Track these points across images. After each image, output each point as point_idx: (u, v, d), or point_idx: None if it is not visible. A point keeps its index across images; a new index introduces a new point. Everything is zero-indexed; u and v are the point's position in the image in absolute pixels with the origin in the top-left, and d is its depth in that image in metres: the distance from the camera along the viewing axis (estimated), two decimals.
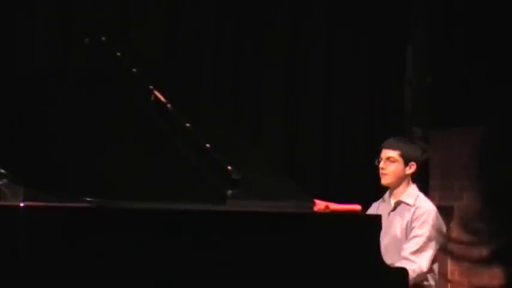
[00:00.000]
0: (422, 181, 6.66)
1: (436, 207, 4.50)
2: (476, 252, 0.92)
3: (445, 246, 0.96)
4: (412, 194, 4.49)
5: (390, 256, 3.91)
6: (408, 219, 4.40)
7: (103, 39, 3.70)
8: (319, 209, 3.50)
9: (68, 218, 2.88)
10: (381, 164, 4.50)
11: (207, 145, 3.34)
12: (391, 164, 4.49)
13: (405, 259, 4.23)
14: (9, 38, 5.47)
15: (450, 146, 6.61)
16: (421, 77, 7.01)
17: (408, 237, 4.37)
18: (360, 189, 4.65)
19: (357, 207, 4.11)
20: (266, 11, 6.46)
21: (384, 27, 6.91)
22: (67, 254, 2.84)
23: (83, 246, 2.87)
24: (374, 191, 4.68)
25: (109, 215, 2.96)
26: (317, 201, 3.56)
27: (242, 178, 3.25)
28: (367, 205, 4.55)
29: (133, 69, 3.58)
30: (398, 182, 4.51)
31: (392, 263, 3.93)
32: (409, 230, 4.38)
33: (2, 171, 3.02)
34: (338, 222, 3.54)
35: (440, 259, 4.43)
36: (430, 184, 6.79)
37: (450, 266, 6.41)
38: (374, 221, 3.65)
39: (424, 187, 6.60)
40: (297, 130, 6.54)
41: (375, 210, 4.51)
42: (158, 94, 3.50)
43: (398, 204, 4.48)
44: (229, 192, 3.23)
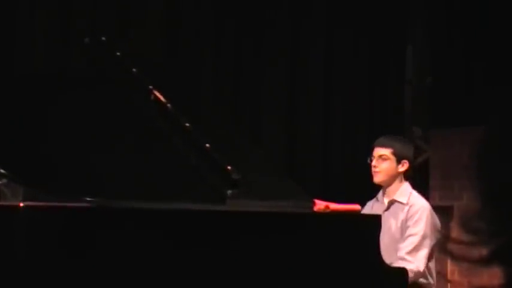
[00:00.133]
0: (422, 181, 6.68)
1: (436, 207, 4.50)
2: (476, 252, 0.92)
3: (441, 242, 0.97)
4: (405, 192, 4.47)
5: (388, 256, 3.90)
6: (403, 218, 4.38)
7: (103, 39, 3.70)
8: (319, 209, 3.50)
9: (68, 218, 2.88)
10: (373, 162, 4.48)
11: (207, 145, 3.34)
12: (383, 162, 4.47)
13: (402, 259, 4.22)
14: (9, 38, 5.47)
15: (450, 146, 6.61)
16: (421, 77, 7.01)
17: (403, 236, 4.37)
18: (360, 189, 4.64)
19: (357, 207, 4.11)
20: (266, 11, 6.46)
21: (384, 27, 6.91)
22: (67, 254, 2.84)
23: (83, 246, 2.87)
24: (374, 191, 4.67)
25: (109, 215, 2.96)
26: (317, 201, 3.55)
27: (242, 178, 3.25)
28: (365, 205, 4.55)
29: (133, 69, 3.58)
30: (390, 180, 4.49)
31: (391, 263, 3.93)
32: (404, 229, 4.37)
33: (2, 171, 3.02)
34: (338, 222, 3.54)
35: (440, 259, 4.43)
36: (430, 184, 6.79)
37: (450, 266, 6.41)
38: (374, 221, 3.65)
39: (424, 187, 6.61)
40: (297, 130, 6.54)
41: (369, 209, 4.50)
42: (158, 94, 3.50)
43: (391, 203, 4.47)
44: (229, 192, 3.22)
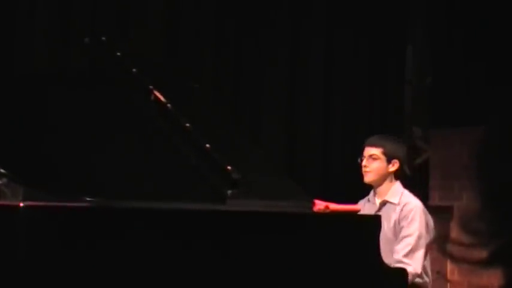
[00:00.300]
0: (422, 181, 6.69)
1: (436, 207, 4.49)
2: (475, 253, 0.92)
3: (441, 243, 0.96)
4: (397, 192, 4.44)
5: (384, 257, 3.90)
6: (395, 218, 4.36)
7: (103, 39, 3.70)
8: (318, 209, 3.50)
9: (68, 218, 2.88)
10: (364, 162, 4.46)
11: (207, 145, 3.34)
12: (374, 162, 4.44)
13: (399, 262, 4.21)
14: (9, 38, 5.47)
15: (450, 146, 6.61)
16: (421, 77, 7.01)
17: (398, 236, 4.35)
18: (360, 189, 4.64)
19: (357, 207, 4.10)
20: (266, 11, 6.46)
21: (384, 27, 6.91)
22: (67, 254, 2.84)
23: (83, 245, 2.87)
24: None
25: (109, 215, 2.96)
26: (317, 201, 3.55)
27: (242, 178, 3.25)
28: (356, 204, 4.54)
29: (133, 69, 3.58)
30: (381, 180, 4.46)
31: (389, 263, 3.92)
32: (398, 229, 4.35)
33: (2, 170, 3.02)
34: (338, 222, 3.54)
35: (439, 259, 4.42)
36: (430, 184, 6.79)
37: (449, 266, 6.41)
38: (373, 221, 3.65)
39: (424, 187, 6.61)
40: (297, 130, 6.54)
41: (361, 209, 4.49)
42: (158, 94, 3.50)
43: (383, 204, 4.44)
44: (229, 192, 3.22)
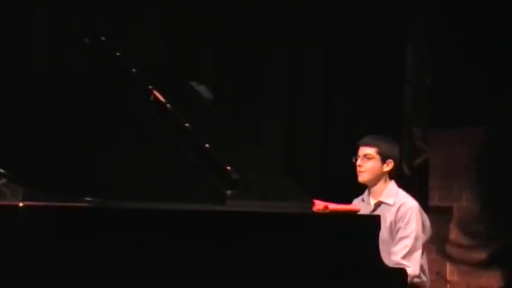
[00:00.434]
0: (421, 181, 6.68)
1: (436, 207, 4.48)
2: (475, 254, 0.92)
3: (440, 244, 0.96)
4: (391, 192, 4.44)
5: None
6: (391, 219, 4.35)
7: (103, 39, 3.69)
8: (318, 209, 3.49)
9: (68, 218, 2.88)
10: (358, 162, 4.45)
11: (207, 145, 3.34)
12: (368, 162, 4.43)
13: (398, 264, 4.20)
14: (9, 38, 5.47)
15: (450, 147, 6.61)
16: (421, 77, 7.01)
17: (394, 237, 4.34)
18: (359, 189, 4.64)
19: (356, 207, 4.10)
20: (266, 11, 6.46)
21: (384, 27, 6.91)
22: (66, 254, 2.84)
23: (83, 246, 2.87)
24: None
25: (108, 215, 2.96)
26: (316, 201, 3.55)
27: (241, 178, 3.25)
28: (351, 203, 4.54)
29: (132, 69, 3.57)
30: (375, 180, 4.46)
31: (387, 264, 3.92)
32: (395, 230, 4.34)
33: (2, 171, 3.02)
34: (337, 222, 3.53)
35: (439, 260, 4.41)
36: (430, 184, 6.79)
37: (449, 267, 6.41)
38: (373, 221, 3.65)
39: (424, 188, 6.61)
40: (297, 130, 6.54)
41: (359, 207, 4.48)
42: (157, 94, 3.50)
43: (378, 205, 4.44)
44: (228, 192, 3.22)
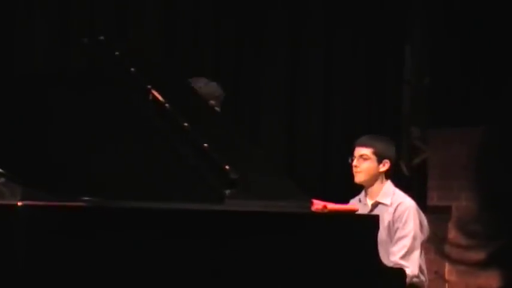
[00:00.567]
0: (420, 181, 6.69)
1: (434, 207, 4.48)
2: (473, 255, 0.92)
3: (438, 244, 0.96)
4: (388, 193, 4.43)
5: None
6: (389, 219, 4.34)
7: (101, 38, 3.69)
8: (317, 209, 3.49)
9: (67, 217, 2.88)
10: (354, 162, 4.45)
11: (205, 145, 3.34)
12: (364, 162, 4.43)
13: (396, 264, 4.20)
14: (9, 39, 5.47)
15: (449, 146, 6.61)
16: (420, 77, 7.01)
17: (393, 237, 4.33)
18: (358, 189, 4.64)
19: (355, 207, 4.10)
20: (265, 11, 6.47)
21: (383, 27, 6.91)
22: (65, 253, 2.84)
23: (81, 245, 2.87)
24: None
25: (107, 215, 2.96)
26: (315, 201, 3.55)
27: (240, 178, 3.25)
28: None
29: (131, 68, 3.57)
30: (372, 180, 4.45)
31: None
32: (393, 230, 4.33)
33: (0, 170, 3.02)
34: (336, 222, 3.54)
35: (437, 259, 4.41)
36: (428, 184, 6.79)
37: (448, 266, 6.41)
38: (371, 221, 3.65)
39: (422, 187, 6.62)
40: (297, 130, 6.54)
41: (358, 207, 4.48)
42: (156, 93, 3.50)
43: (375, 205, 4.43)
44: (227, 191, 3.22)
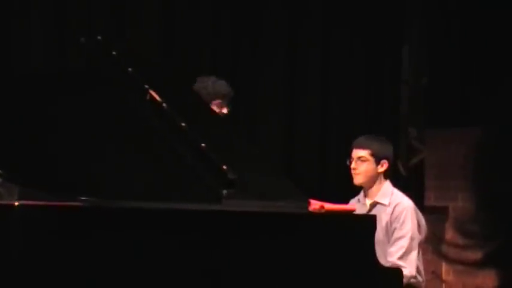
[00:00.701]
0: (417, 181, 6.69)
1: (431, 207, 4.48)
2: (470, 255, 0.93)
3: (436, 244, 0.97)
4: (387, 193, 4.43)
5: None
6: (387, 219, 4.34)
7: (99, 38, 3.69)
8: (314, 209, 3.49)
9: (64, 217, 2.88)
10: (352, 165, 4.44)
11: (203, 144, 3.33)
12: (362, 164, 4.42)
13: (394, 265, 4.19)
14: (6, 39, 5.47)
15: (446, 146, 6.62)
16: (417, 77, 7.01)
17: (390, 238, 4.33)
18: (357, 189, 4.64)
19: (352, 207, 4.10)
20: (263, 12, 6.47)
21: (380, 27, 6.91)
22: (62, 253, 2.84)
23: (78, 245, 2.87)
24: None
25: (104, 215, 2.96)
26: (312, 201, 3.55)
27: (238, 178, 3.25)
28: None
29: (128, 68, 3.57)
30: (371, 181, 4.45)
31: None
32: (390, 231, 4.34)
33: None
34: (333, 222, 3.54)
35: (435, 259, 4.41)
36: (426, 184, 6.79)
37: (445, 266, 6.41)
38: (369, 221, 3.65)
39: (420, 187, 6.62)
40: (294, 130, 6.55)
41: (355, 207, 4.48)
42: (153, 93, 3.50)
43: (373, 205, 4.43)
44: (224, 191, 3.22)
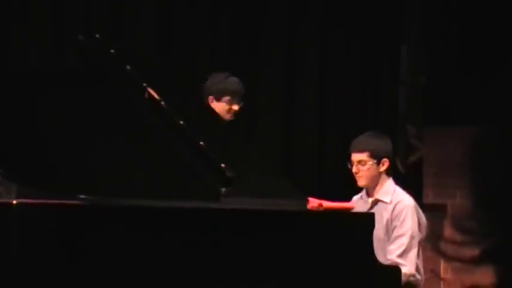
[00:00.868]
0: (415, 179, 6.69)
1: (430, 205, 4.48)
2: (468, 251, 0.93)
3: (434, 241, 0.97)
4: (389, 191, 4.42)
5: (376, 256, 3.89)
6: (387, 217, 4.34)
7: (97, 36, 3.69)
8: (312, 207, 3.50)
9: (62, 216, 2.88)
10: (353, 169, 4.43)
11: (201, 143, 3.34)
12: (363, 167, 4.39)
13: (393, 263, 4.20)
14: (5, 39, 5.47)
15: (444, 144, 6.62)
16: (416, 77, 7.01)
17: (390, 236, 4.34)
18: (355, 189, 4.63)
19: (350, 205, 4.11)
20: (261, 12, 6.47)
21: (378, 27, 6.91)
22: (60, 252, 2.84)
23: (77, 243, 2.87)
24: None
25: (103, 213, 2.96)
26: (310, 199, 3.55)
27: (236, 176, 3.25)
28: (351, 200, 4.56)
29: (127, 66, 3.57)
30: (375, 182, 4.43)
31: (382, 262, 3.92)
32: (391, 229, 4.34)
33: None
34: (331, 220, 3.54)
35: (433, 257, 4.41)
36: (424, 182, 6.79)
37: (443, 264, 6.42)
38: (367, 219, 3.65)
39: (418, 185, 6.62)
40: (293, 130, 6.55)
41: (354, 205, 4.49)
42: (152, 91, 3.50)
43: (375, 203, 4.44)
44: (223, 189, 3.22)
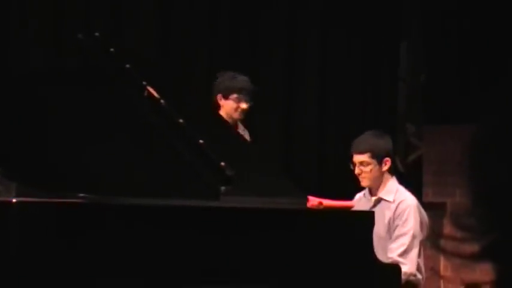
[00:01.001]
0: (415, 178, 6.70)
1: (429, 203, 4.48)
2: (468, 248, 0.93)
3: (434, 239, 0.97)
4: (392, 189, 4.43)
5: (377, 254, 3.89)
6: (390, 216, 4.35)
7: (96, 34, 3.69)
8: (312, 205, 3.50)
9: (61, 214, 2.88)
10: (356, 170, 4.44)
11: (201, 141, 3.34)
12: (366, 168, 4.41)
13: (394, 262, 4.20)
14: (3, 38, 5.47)
15: (444, 143, 6.62)
16: (415, 75, 7.02)
17: (392, 234, 4.34)
18: (355, 188, 4.64)
19: (350, 203, 4.11)
20: (260, 11, 6.47)
21: (378, 25, 6.92)
22: (60, 250, 2.84)
23: (76, 242, 2.87)
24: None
25: (102, 211, 2.96)
26: (310, 197, 3.56)
27: (236, 174, 3.25)
28: (354, 198, 4.56)
29: (126, 65, 3.57)
30: (378, 181, 4.44)
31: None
32: (392, 228, 4.34)
33: None
34: (331, 218, 3.54)
35: (433, 255, 4.41)
36: (424, 180, 6.80)
37: (443, 262, 6.42)
38: (367, 218, 3.66)
39: (417, 184, 6.62)
40: (293, 129, 6.55)
41: (356, 203, 4.49)
42: (152, 90, 3.50)
43: (378, 201, 4.44)
44: (222, 188, 3.23)
